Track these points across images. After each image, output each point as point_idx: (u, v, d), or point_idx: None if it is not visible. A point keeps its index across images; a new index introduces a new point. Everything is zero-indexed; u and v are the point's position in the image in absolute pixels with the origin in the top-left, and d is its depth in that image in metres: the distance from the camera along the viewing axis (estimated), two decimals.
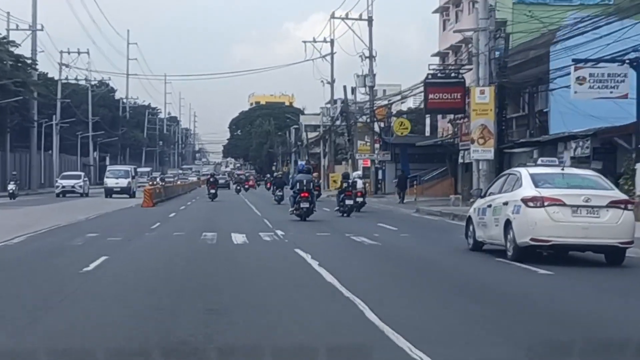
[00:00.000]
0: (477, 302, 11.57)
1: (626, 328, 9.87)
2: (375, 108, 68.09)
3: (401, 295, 12.41)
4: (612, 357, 8.44)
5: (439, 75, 43.22)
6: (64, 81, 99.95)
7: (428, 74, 43.34)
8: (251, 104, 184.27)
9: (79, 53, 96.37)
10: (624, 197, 16.74)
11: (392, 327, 9.19)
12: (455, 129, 49.59)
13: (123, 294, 12.12)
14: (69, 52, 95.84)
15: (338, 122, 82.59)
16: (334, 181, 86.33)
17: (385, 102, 69.07)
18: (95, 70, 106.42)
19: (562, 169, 17.69)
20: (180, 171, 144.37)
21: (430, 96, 42.42)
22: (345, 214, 34.26)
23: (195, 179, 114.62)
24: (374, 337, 8.86)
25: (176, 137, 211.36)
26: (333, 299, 11.61)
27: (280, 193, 47.71)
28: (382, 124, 69.82)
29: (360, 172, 53.23)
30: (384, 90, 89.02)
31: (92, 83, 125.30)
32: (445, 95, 42.15)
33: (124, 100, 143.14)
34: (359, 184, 39.07)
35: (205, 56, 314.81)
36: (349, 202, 34.57)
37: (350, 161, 72.08)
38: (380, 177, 68.90)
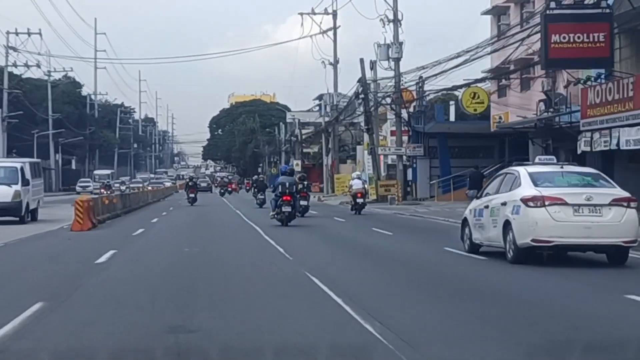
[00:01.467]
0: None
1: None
2: (402, 88, 50.11)
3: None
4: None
5: (563, 5, 24.91)
6: (22, 76, 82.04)
7: (549, 1, 25.01)
8: (231, 104, 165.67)
9: (29, 34, 77.71)
10: (626, 194, 15.28)
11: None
12: (557, 102, 31.57)
13: None
14: (17, 33, 77.26)
15: (342, 113, 64.66)
16: (342, 183, 68.72)
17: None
18: (51, 55, 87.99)
19: (562, 167, 16.25)
20: (153, 175, 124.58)
21: (554, 39, 24.27)
22: (299, 214, 30.71)
23: (169, 183, 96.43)
24: None
25: (153, 139, 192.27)
26: None
27: (262, 196, 44.78)
28: (411, 109, 51.77)
29: (359, 172, 45.39)
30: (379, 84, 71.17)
31: (55, 77, 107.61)
32: (578, 37, 24.11)
33: (92, 97, 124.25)
34: (357, 184, 36.87)
35: (182, 58, 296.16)
36: (303, 202, 32.10)
37: (371, 157, 53.56)
38: (410, 177, 50.85)
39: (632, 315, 10.02)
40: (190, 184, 49.62)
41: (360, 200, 36.13)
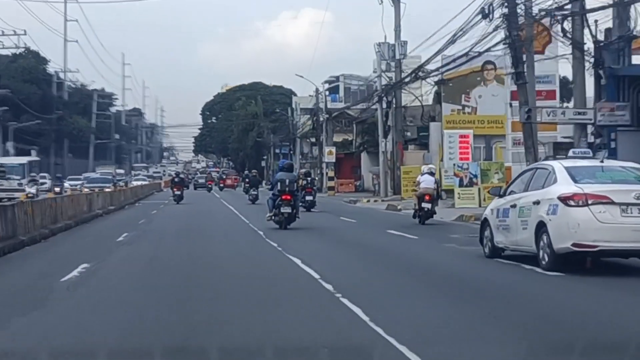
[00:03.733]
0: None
1: None
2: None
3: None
4: None
5: None
6: None
7: None
8: (227, 89, 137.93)
9: None
10: None
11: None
12: None
13: None
14: None
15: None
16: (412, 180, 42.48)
17: None
18: None
19: (602, 161, 13.47)
20: (121, 171, 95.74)
21: None
22: (304, 209, 29.35)
23: (143, 182, 68.96)
24: None
25: (139, 131, 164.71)
26: None
27: (255, 192, 41.50)
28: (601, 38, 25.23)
29: (433, 165, 28.19)
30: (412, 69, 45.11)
31: (7, 44, 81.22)
32: None
33: (61, 75, 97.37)
34: (428, 182, 24.84)
35: (172, 53, 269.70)
36: (309, 197, 31.72)
37: (524, 131, 26.01)
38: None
39: None
40: (176, 180, 43.83)
41: (427, 205, 24.35)
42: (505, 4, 25.19)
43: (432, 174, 25.14)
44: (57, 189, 39.67)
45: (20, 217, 17.21)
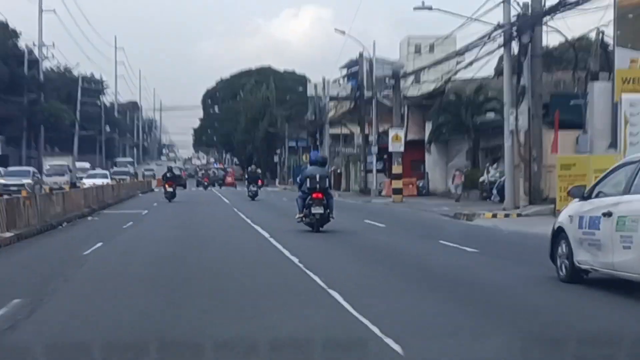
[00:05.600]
0: None
1: None
2: None
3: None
4: None
5: None
6: None
7: None
8: (231, 75, 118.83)
9: None
10: None
11: None
12: None
13: None
14: None
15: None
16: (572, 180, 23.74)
17: None
18: None
19: None
20: (85, 165, 75.45)
21: None
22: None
23: (104, 181, 49.89)
24: None
25: (135, 124, 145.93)
26: None
27: (254, 188, 39.85)
28: None
29: None
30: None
31: None
32: None
33: (33, 49, 78.74)
34: None
35: (171, 52, 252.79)
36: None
37: None
38: None
39: None
40: (168, 175, 39.39)
41: None
42: None
43: None
44: None
45: None
